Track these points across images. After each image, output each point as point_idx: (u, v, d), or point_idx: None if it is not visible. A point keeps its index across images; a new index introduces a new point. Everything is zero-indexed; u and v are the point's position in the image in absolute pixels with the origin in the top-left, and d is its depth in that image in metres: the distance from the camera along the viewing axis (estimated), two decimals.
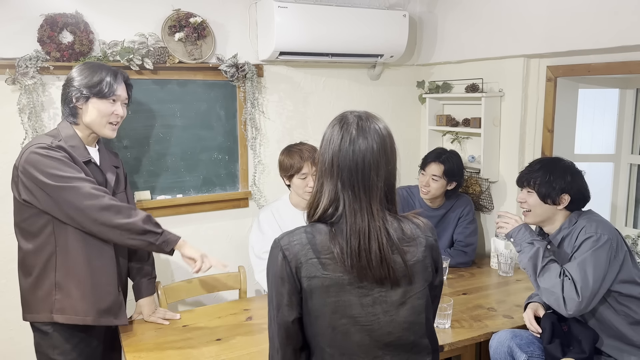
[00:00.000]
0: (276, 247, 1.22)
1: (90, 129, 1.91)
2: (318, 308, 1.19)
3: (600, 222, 1.86)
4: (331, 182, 1.21)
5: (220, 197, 2.82)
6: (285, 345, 1.23)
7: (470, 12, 2.83)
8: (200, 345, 1.87)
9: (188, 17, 2.53)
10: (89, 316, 1.84)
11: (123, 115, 1.97)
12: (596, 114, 2.81)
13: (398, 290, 1.21)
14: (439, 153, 2.67)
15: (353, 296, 1.19)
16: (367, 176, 1.19)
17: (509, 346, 1.92)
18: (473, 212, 2.79)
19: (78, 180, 1.76)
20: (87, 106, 1.88)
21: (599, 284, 1.74)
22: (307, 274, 1.18)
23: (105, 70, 1.91)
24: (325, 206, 1.21)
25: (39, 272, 1.83)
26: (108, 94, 1.89)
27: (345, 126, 1.23)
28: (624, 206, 2.78)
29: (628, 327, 1.82)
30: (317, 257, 1.18)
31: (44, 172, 1.73)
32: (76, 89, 1.86)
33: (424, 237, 1.26)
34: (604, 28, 2.16)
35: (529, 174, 1.99)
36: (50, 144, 1.78)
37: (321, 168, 1.25)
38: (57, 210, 1.76)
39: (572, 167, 1.95)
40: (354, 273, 1.18)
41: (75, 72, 1.89)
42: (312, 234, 1.20)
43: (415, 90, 3.30)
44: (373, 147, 1.20)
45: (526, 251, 1.88)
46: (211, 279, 2.44)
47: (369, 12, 2.80)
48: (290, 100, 2.95)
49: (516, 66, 2.67)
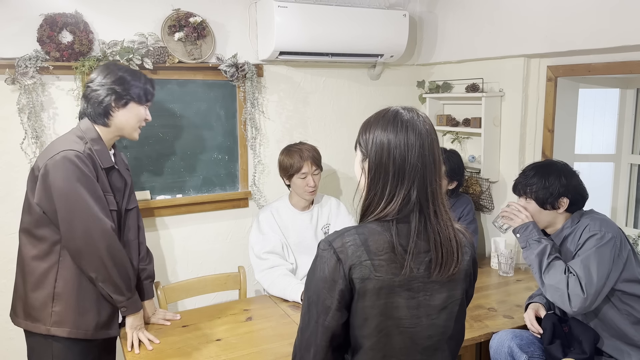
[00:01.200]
0: (328, 249, 1.17)
1: (120, 131, 1.90)
2: (368, 310, 1.17)
3: (603, 221, 1.86)
4: (405, 184, 1.16)
5: (220, 197, 2.82)
6: (327, 347, 1.20)
7: (471, 12, 2.82)
8: (200, 346, 1.87)
9: (188, 17, 2.53)
10: (89, 330, 1.82)
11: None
12: (596, 114, 2.81)
13: (442, 295, 1.21)
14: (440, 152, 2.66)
15: (402, 298, 1.18)
16: (437, 173, 1.18)
17: (509, 346, 1.92)
18: (473, 212, 2.78)
19: (92, 202, 1.74)
20: (125, 110, 1.86)
21: (603, 281, 1.74)
22: (360, 276, 1.15)
23: (142, 75, 1.91)
24: (397, 207, 1.15)
25: (38, 280, 1.79)
26: (148, 99, 1.90)
27: (409, 124, 1.18)
28: (624, 206, 2.78)
29: (630, 326, 1.82)
30: (371, 259, 1.15)
31: (66, 186, 1.70)
32: (115, 91, 1.83)
33: (470, 247, 1.26)
34: (604, 28, 2.16)
35: (524, 182, 1.97)
36: (81, 152, 1.74)
37: (395, 169, 1.16)
38: (57, 217, 1.73)
39: (565, 168, 1.94)
40: (409, 271, 1.16)
41: (109, 74, 1.85)
42: (365, 234, 1.16)
43: (415, 90, 3.30)
44: (437, 143, 1.21)
45: (533, 247, 1.87)
46: (211, 279, 2.44)
47: (369, 11, 2.79)
48: (290, 100, 2.95)
49: (516, 66, 2.66)
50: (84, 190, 1.72)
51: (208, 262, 2.86)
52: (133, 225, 2.04)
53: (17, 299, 1.86)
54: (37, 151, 2.36)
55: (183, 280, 2.42)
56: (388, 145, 1.16)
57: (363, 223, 1.20)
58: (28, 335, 1.86)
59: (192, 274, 2.78)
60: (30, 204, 1.79)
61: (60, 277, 1.78)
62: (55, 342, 1.80)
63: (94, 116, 1.86)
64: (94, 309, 1.83)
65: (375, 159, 1.18)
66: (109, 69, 1.88)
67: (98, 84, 1.84)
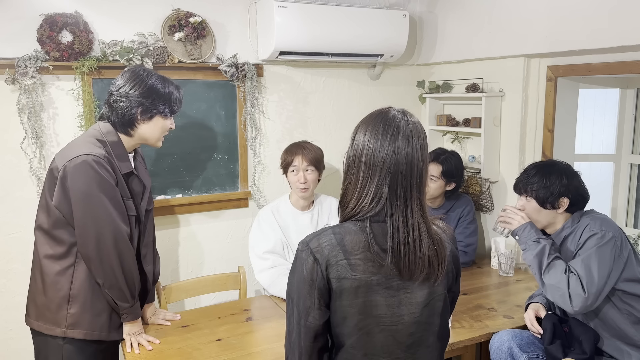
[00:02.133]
0: (305, 250, 1.19)
1: (144, 141, 1.88)
2: (346, 309, 1.19)
3: (604, 220, 1.86)
4: (375, 178, 1.18)
5: (220, 197, 2.82)
6: (311, 348, 1.21)
7: (471, 12, 2.82)
8: (200, 346, 1.87)
9: (188, 17, 2.53)
10: (103, 332, 1.81)
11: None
12: (596, 114, 2.81)
13: (423, 292, 1.22)
14: (438, 153, 2.66)
15: (380, 296, 1.19)
16: (414, 174, 1.18)
17: (509, 346, 1.92)
18: (473, 212, 2.78)
19: (110, 207, 1.73)
20: (150, 122, 1.84)
21: (604, 280, 1.74)
22: (336, 275, 1.17)
23: (169, 83, 1.86)
24: (368, 202, 1.18)
25: (54, 281, 1.77)
26: (176, 110, 1.88)
27: (392, 123, 1.19)
28: (624, 206, 2.78)
29: (631, 326, 1.82)
30: (347, 259, 1.17)
31: (87, 192, 1.69)
32: (141, 104, 1.79)
33: (449, 243, 1.27)
34: (604, 28, 2.16)
35: (525, 181, 1.97)
36: (101, 157, 1.72)
37: (367, 163, 1.19)
38: (71, 214, 1.72)
39: (567, 169, 1.94)
40: (389, 270, 1.17)
41: (137, 84, 1.80)
42: (341, 234, 1.19)
43: (415, 90, 3.30)
44: (420, 146, 1.20)
45: (532, 248, 1.87)
46: (211, 279, 2.43)
47: (369, 11, 2.79)
48: (290, 100, 2.95)
49: (516, 66, 2.66)
50: (103, 196, 1.71)
51: (208, 262, 2.86)
52: (151, 227, 2.05)
53: (30, 300, 1.84)
54: (37, 151, 2.37)
55: (183, 280, 2.42)
56: (363, 142, 1.20)
57: (341, 223, 1.22)
58: (36, 335, 1.84)
59: (192, 274, 2.78)
60: (48, 204, 1.77)
61: (76, 278, 1.77)
62: (67, 344, 1.79)
63: (117, 124, 1.82)
64: (108, 309, 1.83)
65: (351, 153, 1.23)
66: (138, 77, 1.81)
67: (125, 95, 1.79)
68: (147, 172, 2.03)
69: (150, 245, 2.03)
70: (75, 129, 2.42)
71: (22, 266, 2.36)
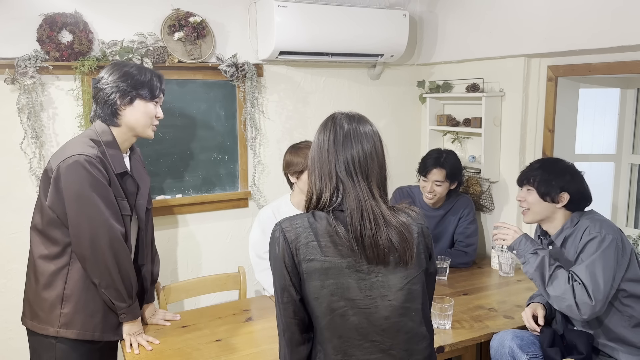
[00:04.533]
0: (277, 230, 1.28)
1: (133, 131, 1.87)
2: (317, 290, 1.24)
3: (603, 222, 1.85)
4: (330, 174, 1.28)
5: (220, 197, 2.81)
6: (292, 323, 1.29)
7: (471, 12, 2.82)
8: (200, 346, 1.87)
9: (187, 17, 2.53)
10: (96, 332, 1.81)
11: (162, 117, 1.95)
12: (597, 114, 2.80)
13: (397, 275, 1.27)
14: (437, 157, 2.63)
15: (352, 279, 1.25)
16: (365, 166, 1.28)
17: (509, 347, 1.92)
18: (474, 212, 2.78)
19: (102, 207, 1.73)
20: (132, 107, 1.83)
21: (609, 284, 1.74)
22: (305, 257, 1.24)
23: (149, 71, 1.87)
24: (328, 198, 1.28)
25: (48, 281, 1.78)
26: (158, 95, 1.87)
27: (337, 123, 1.31)
28: (624, 206, 2.78)
29: (630, 330, 1.81)
30: (317, 241, 1.24)
31: (78, 192, 1.70)
32: (120, 89, 1.80)
33: (416, 224, 1.32)
34: (604, 28, 2.16)
35: (528, 172, 1.99)
36: (93, 157, 1.72)
37: (320, 163, 1.30)
38: (63, 210, 1.73)
39: (572, 167, 1.96)
40: (355, 255, 1.24)
41: (114, 71, 1.82)
42: (314, 218, 1.27)
43: (415, 90, 3.29)
44: (370, 141, 1.30)
45: (531, 262, 1.86)
46: (211, 279, 2.43)
47: (369, 11, 2.79)
48: (290, 100, 2.94)
49: (517, 66, 2.66)
50: (96, 196, 1.71)
51: (208, 262, 2.86)
52: (150, 227, 2.05)
53: (26, 300, 1.85)
54: (37, 151, 2.36)
55: (183, 281, 2.41)
56: (315, 143, 1.33)
57: (314, 211, 1.30)
58: (31, 335, 1.85)
59: (192, 274, 2.78)
60: (42, 204, 1.77)
61: (70, 278, 1.77)
62: (60, 344, 1.79)
63: (104, 117, 1.82)
64: (102, 310, 1.82)
65: (315, 158, 1.33)
66: (115, 67, 1.85)
67: (104, 83, 1.81)
68: (145, 172, 2.02)
69: (149, 245, 2.03)
70: (75, 129, 2.42)
71: (22, 266, 2.34)
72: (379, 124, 3.20)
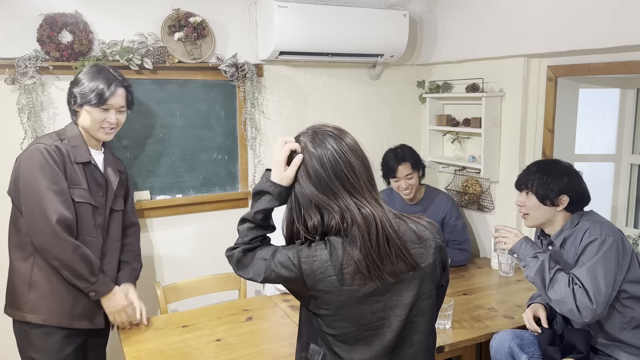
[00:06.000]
0: (294, 257, 1.21)
1: (87, 131, 1.97)
2: (329, 321, 1.22)
3: (603, 224, 1.85)
4: (334, 198, 1.21)
5: (220, 197, 2.82)
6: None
7: (471, 12, 2.82)
8: (200, 346, 1.87)
9: (188, 17, 2.53)
10: (64, 319, 1.86)
11: (116, 122, 1.98)
12: (597, 114, 2.80)
13: (410, 293, 1.23)
14: (395, 155, 2.68)
15: (366, 306, 1.21)
16: (356, 178, 1.22)
17: (509, 347, 1.92)
18: (456, 208, 2.79)
19: (49, 190, 1.79)
20: (82, 111, 1.94)
21: (611, 287, 1.73)
22: (323, 288, 1.19)
23: (103, 78, 1.93)
24: (335, 223, 1.19)
25: (16, 268, 1.87)
26: (98, 103, 1.91)
27: (322, 142, 1.36)
28: (624, 206, 2.78)
29: (630, 331, 1.81)
30: (336, 275, 1.18)
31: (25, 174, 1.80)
32: (73, 94, 1.92)
33: (433, 239, 1.27)
34: (604, 28, 2.16)
35: (526, 177, 1.97)
36: (49, 145, 1.83)
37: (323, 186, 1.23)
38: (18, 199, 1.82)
39: (569, 168, 1.94)
40: (372, 279, 1.18)
41: (80, 75, 1.95)
42: (331, 249, 1.19)
43: (415, 90, 3.30)
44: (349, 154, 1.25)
45: (531, 266, 1.86)
46: (211, 279, 2.43)
47: (369, 11, 2.79)
48: (290, 100, 2.95)
49: (517, 66, 2.66)
50: (43, 179, 1.79)
51: (208, 262, 2.85)
52: (117, 229, 2.07)
53: (6, 290, 1.94)
54: None
55: (183, 281, 2.42)
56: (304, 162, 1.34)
57: (328, 237, 1.21)
58: (14, 323, 1.93)
59: (192, 274, 2.78)
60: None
61: (36, 265, 1.85)
62: (33, 330, 1.86)
63: (71, 116, 1.98)
64: (70, 297, 1.87)
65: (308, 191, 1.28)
66: (79, 70, 1.97)
67: (69, 87, 1.96)
68: (118, 173, 2.07)
69: (114, 248, 2.05)
70: None
71: None
72: (379, 124, 3.20)
